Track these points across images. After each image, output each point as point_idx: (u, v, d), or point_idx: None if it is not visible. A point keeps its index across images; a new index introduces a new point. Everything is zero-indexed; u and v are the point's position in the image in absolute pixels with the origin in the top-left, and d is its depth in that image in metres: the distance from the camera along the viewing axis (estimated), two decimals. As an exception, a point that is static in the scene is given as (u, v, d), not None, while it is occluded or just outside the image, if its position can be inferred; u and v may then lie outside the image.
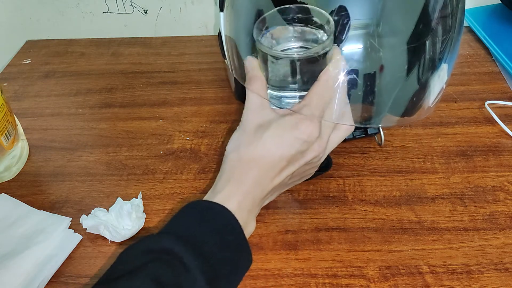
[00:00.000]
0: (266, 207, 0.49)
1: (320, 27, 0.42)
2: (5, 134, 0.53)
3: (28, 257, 0.45)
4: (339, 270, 0.44)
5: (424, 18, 0.43)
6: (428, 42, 0.43)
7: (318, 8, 0.41)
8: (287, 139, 0.40)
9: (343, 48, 0.42)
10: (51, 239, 0.47)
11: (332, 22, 0.40)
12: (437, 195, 0.50)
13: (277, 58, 0.41)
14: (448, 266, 0.44)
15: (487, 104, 0.60)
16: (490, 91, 0.64)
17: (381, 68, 0.42)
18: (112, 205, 0.49)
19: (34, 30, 0.83)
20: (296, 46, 0.43)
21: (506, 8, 0.76)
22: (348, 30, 0.41)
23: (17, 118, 0.58)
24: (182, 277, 0.33)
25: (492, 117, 0.59)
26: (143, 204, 0.50)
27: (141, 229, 0.48)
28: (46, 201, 0.52)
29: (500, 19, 0.75)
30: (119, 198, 0.50)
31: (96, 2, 0.79)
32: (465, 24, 0.77)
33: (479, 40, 0.73)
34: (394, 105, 0.44)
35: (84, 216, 0.48)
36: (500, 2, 0.77)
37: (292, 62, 0.41)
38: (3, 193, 0.52)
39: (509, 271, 0.43)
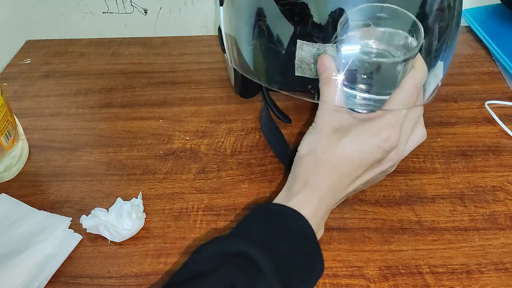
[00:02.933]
0: (266, 207, 0.49)
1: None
2: (5, 134, 0.53)
3: (28, 257, 0.45)
4: (339, 270, 0.44)
5: (420, 15, 0.43)
6: (424, 39, 0.43)
7: (405, 11, 0.40)
8: (368, 147, 0.38)
9: (351, 33, 0.41)
10: (51, 239, 0.47)
11: (421, 28, 0.39)
12: (437, 195, 0.50)
13: (357, 56, 0.39)
14: (448, 266, 0.44)
15: (487, 104, 0.60)
16: (490, 91, 0.64)
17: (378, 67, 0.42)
18: (112, 205, 0.49)
19: (34, 30, 0.83)
20: (375, 45, 0.42)
21: (506, 8, 0.76)
22: (347, 29, 0.41)
23: (17, 118, 0.58)
24: (256, 282, 0.32)
25: (492, 117, 0.59)
26: (143, 204, 0.50)
27: (141, 229, 0.48)
28: (46, 201, 0.52)
29: (500, 19, 0.75)
30: (119, 198, 0.50)
31: (96, 2, 0.79)
32: (465, 24, 0.77)
33: (479, 40, 0.73)
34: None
35: (84, 216, 0.48)
36: (500, 2, 0.77)
37: (373, 64, 0.39)
38: (3, 193, 0.52)
39: (509, 271, 0.43)
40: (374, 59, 0.41)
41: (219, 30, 0.51)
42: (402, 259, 0.44)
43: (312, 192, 0.38)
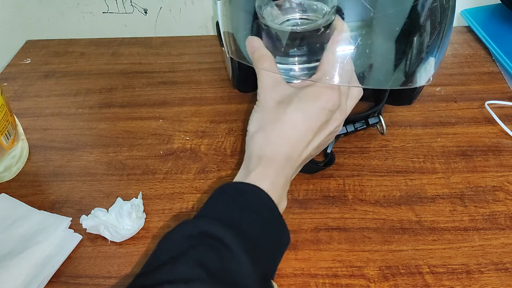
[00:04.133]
0: (266, 207, 0.49)
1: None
2: (5, 134, 0.53)
3: (28, 257, 0.45)
4: (339, 270, 0.44)
5: (413, 11, 0.44)
6: (416, 36, 0.44)
7: None
8: (312, 111, 0.40)
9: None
10: (51, 239, 0.47)
11: None
12: (437, 195, 0.50)
13: (283, 32, 0.41)
14: (448, 266, 0.44)
15: (487, 104, 0.60)
16: (490, 91, 0.64)
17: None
18: (112, 205, 0.49)
19: (34, 30, 0.83)
20: (298, 17, 0.44)
21: (506, 8, 0.76)
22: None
23: (17, 118, 0.58)
24: (226, 258, 0.33)
25: (492, 117, 0.59)
26: (143, 204, 0.50)
27: (141, 229, 0.48)
28: (46, 201, 0.52)
29: (500, 19, 0.75)
30: (119, 198, 0.50)
31: (96, 2, 0.79)
32: (465, 24, 0.77)
33: (479, 40, 0.73)
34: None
35: (84, 216, 0.48)
36: (500, 2, 0.77)
37: (299, 35, 0.41)
38: (3, 193, 0.52)
39: (509, 271, 0.43)
40: (299, 29, 0.42)
41: (217, 24, 0.51)
42: (402, 259, 0.44)
43: (268, 165, 0.39)
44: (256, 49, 0.42)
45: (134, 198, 0.50)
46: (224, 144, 0.58)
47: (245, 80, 0.61)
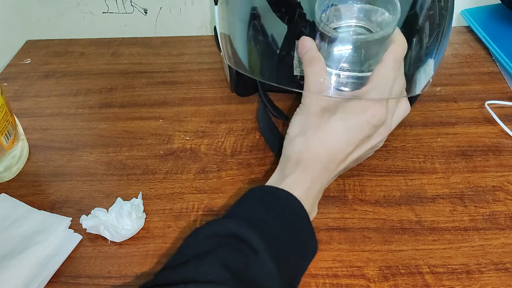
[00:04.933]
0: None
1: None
2: (5, 134, 0.53)
3: (28, 257, 0.45)
4: (339, 270, 0.44)
5: (412, 11, 0.43)
6: (415, 35, 0.44)
7: None
8: (356, 123, 0.39)
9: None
10: (51, 239, 0.47)
11: (398, 3, 0.40)
12: (437, 195, 0.50)
13: (338, 38, 0.40)
14: (448, 266, 0.44)
15: (487, 104, 0.60)
16: (490, 91, 0.64)
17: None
18: (112, 205, 0.49)
19: (34, 30, 0.83)
20: (353, 24, 0.42)
21: (506, 8, 0.76)
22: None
23: (17, 118, 0.58)
24: (252, 262, 0.32)
25: (492, 117, 0.59)
26: (143, 204, 0.50)
27: (141, 229, 0.48)
28: (46, 201, 0.52)
29: (500, 19, 0.75)
30: (119, 198, 0.50)
31: (96, 2, 0.79)
32: (465, 24, 0.77)
33: (479, 40, 0.73)
34: None
35: (84, 216, 0.48)
36: (500, 2, 0.77)
37: (354, 42, 0.40)
38: (3, 193, 0.52)
39: (509, 271, 0.43)
40: (355, 37, 0.41)
41: (215, 29, 0.51)
42: (402, 259, 0.44)
43: (304, 171, 0.39)
44: (308, 50, 0.41)
45: (134, 198, 0.50)
46: (224, 144, 0.58)
47: (243, 84, 0.61)
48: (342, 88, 0.42)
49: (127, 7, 0.80)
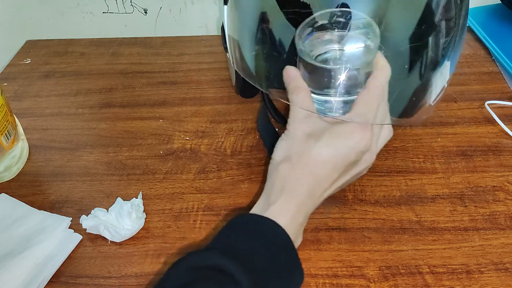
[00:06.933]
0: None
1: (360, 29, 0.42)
2: (5, 134, 0.53)
3: (28, 257, 0.45)
4: (339, 270, 0.44)
5: (427, 14, 0.43)
6: (431, 39, 0.43)
7: (361, 13, 0.41)
8: (342, 149, 0.38)
9: (345, 48, 0.41)
10: (51, 239, 0.47)
11: (377, 29, 0.40)
12: (437, 195, 0.50)
13: (321, 67, 0.40)
14: (448, 266, 0.44)
15: (487, 104, 0.60)
16: (490, 91, 0.64)
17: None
18: (112, 205, 0.49)
19: (34, 30, 0.83)
20: (337, 48, 0.43)
21: (506, 8, 0.76)
22: (350, 27, 0.42)
23: (17, 118, 0.58)
24: None
25: (492, 117, 0.59)
26: (143, 204, 0.50)
27: (141, 229, 0.48)
28: (46, 201, 0.52)
29: (500, 19, 0.75)
30: (119, 198, 0.50)
31: (96, 2, 0.79)
32: (465, 24, 0.77)
33: (479, 40, 0.73)
34: (396, 104, 0.44)
35: (84, 216, 0.48)
36: (500, 2, 0.77)
37: (338, 70, 0.40)
38: (3, 193, 0.52)
39: (509, 271, 0.43)
40: (337, 66, 0.41)
41: (222, 28, 0.51)
42: (402, 259, 0.44)
43: (290, 198, 0.38)
44: (292, 80, 0.41)
45: (134, 198, 0.50)
46: (224, 144, 0.58)
47: (249, 87, 0.60)
48: (327, 113, 0.42)
49: (127, 7, 0.80)
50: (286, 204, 0.38)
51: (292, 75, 0.42)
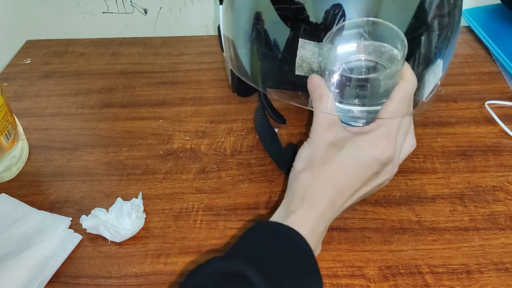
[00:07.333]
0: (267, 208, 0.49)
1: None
2: (5, 134, 0.53)
3: (28, 257, 0.45)
4: (339, 270, 0.44)
5: (421, 12, 0.43)
6: (423, 36, 0.43)
7: (389, 24, 0.41)
8: (365, 160, 0.38)
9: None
10: (51, 239, 0.47)
11: (405, 40, 0.40)
12: (437, 195, 0.50)
13: (346, 76, 0.40)
14: (448, 266, 0.44)
15: (487, 104, 0.60)
16: (490, 91, 0.64)
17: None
18: (112, 205, 0.49)
19: (34, 30, 0.83)
20: (363, 58, 0.42)
21: (506, 8, 0.76)
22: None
23: (17, 118, 0.58)
24: None
25: (492, 117, 0.59)
26: (143, 204, 0.50)
27: (141, 229, 0.48)
28: (46, 201, 0.52)
29: (500, 19, 0.75)
30: (119, 198, 0.50)
31: (96, 2, 0.79)
32: (465, 24, 0.77)
33: (479, 40, 0.73)
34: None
35: (84, 216, 0.48)
36: (500, 2, 0.77)
37: (363, 80, 0.40)
38: (3, 193, 0.52)
39: (509, 271, 0.43)
40: (363, 76, 0.41)
41: (219, 28, 0.51)
42: (402, 259, 0.44)
43: (310, 208, 0.38)
44: (317, 88, 0.41)
45: (134, 198, 0.50)
46: (224, 144, 0.58)
47: (245, 86, 0.61)
48: (351, 123, 0.42)
49: (127, 7, 0.80)
50: (307, 214, 0.38)
51: (317, 83, 0.41)
